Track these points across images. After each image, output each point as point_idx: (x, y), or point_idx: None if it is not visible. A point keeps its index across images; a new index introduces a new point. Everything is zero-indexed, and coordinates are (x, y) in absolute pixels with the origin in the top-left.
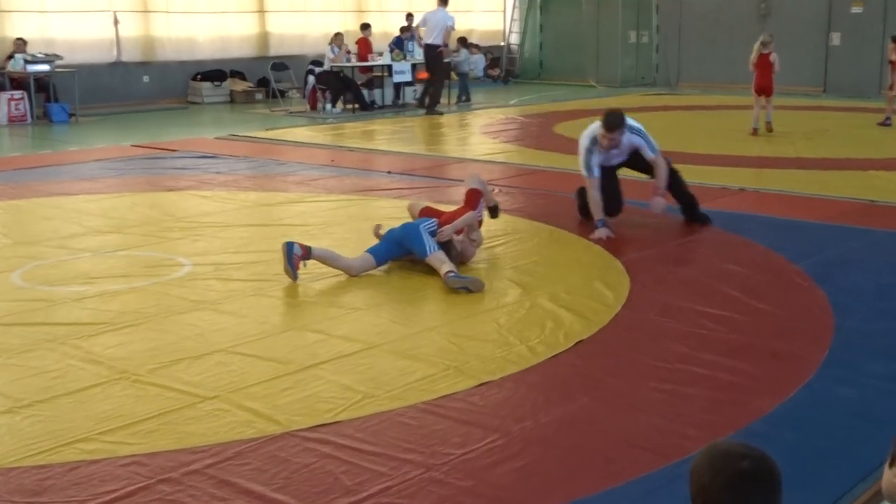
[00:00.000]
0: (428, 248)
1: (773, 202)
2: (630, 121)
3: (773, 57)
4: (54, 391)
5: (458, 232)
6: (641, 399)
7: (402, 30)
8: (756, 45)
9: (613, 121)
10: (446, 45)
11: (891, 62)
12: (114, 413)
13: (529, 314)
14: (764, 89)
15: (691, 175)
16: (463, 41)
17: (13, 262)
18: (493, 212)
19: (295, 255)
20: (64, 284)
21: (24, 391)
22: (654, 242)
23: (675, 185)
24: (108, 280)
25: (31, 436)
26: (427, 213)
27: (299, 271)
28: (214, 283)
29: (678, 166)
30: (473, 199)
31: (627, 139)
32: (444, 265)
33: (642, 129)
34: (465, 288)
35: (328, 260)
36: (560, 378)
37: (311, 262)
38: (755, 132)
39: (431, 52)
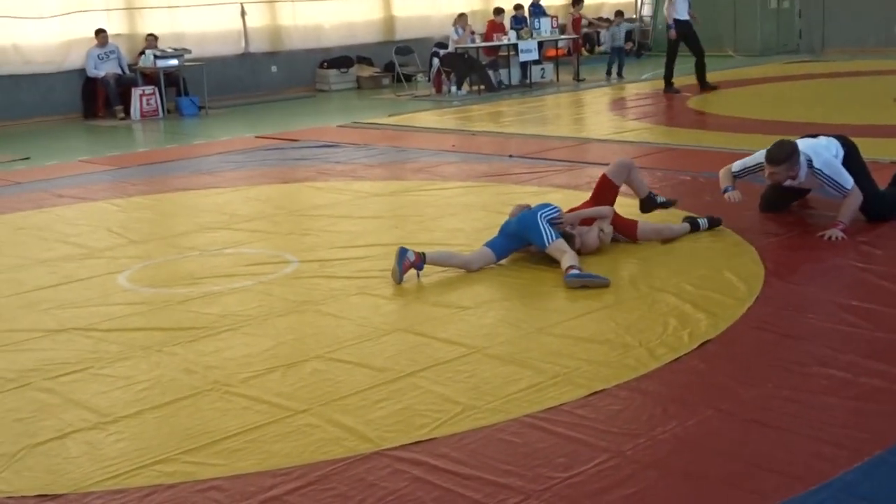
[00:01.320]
0: (546, 239)
1: None
2: (816, 156)
3: None
4: (142, 404)
5: (586, 223)
6: (773, 411)
7: (517, 7)
8: None
9: (775, 154)
10: (675, 20)
11: None
12: (199, 429)
13: (651, 311)
14: None
15: None
16: (620, 14)
17: (123, 262)
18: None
19: (406, 260)
20: (168, 286)
21: (111, 405)
22: (793, 225)
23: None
24: (212, 280)
25: (111, 456)
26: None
27: (406, 275)
28: (319, 282)
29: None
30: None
31: (807, 175)
32: (566, 257)
33: (830, 164)
34: (585, 287)
35: (445, 261)
36: (681, 386)
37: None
38: None
39: (679, 28)
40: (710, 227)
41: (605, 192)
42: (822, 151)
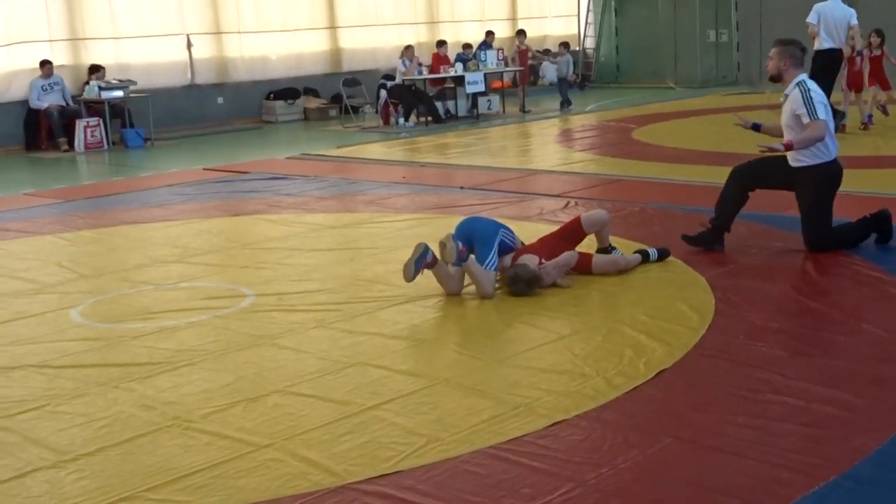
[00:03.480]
0: (489, 262)
1: (868, 206)
2: (810, 82)
3: (866, 52)
4: (102, 442)
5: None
6: (730, 438)
7: (465, 46)
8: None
9: (780, 39)
10: (855, 51)
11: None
12: (162, 466)
13: (606, 341)
14: (855, 85)
15: None
16: (566, 45)
17: (75, 297)
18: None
19: (424, 261)
20: (122, 321)
21: (70, 442)
22: (741, 255)
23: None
24: (167, 315)
25: (73, 494)
26: (527, 251)
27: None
28: (276, 316)
29: None
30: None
31: (792, 90)
32: (481, 287)
33: (816, 90)
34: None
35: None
36: (640, 415)
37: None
38: (865, 126)
39: (827, 58)
40: (659, 258)
41: (573, 233)
42: (820, 91)
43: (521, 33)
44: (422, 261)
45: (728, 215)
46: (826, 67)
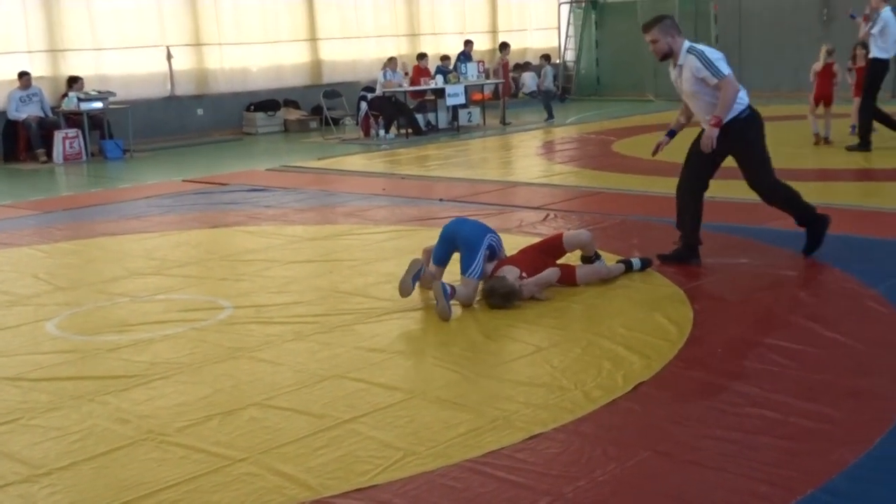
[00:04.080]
0: (473, 271)
1: (843, 218)
2: (698, 45)
3: (837, 67)
4: (75, 456)
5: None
6: (709, 451)
7: (444, 58)
8: (822, 54)
9: (647, 21)
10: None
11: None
12: (136, 480)
13: (585, 353)
14: (825, 98)
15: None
16: (547, 58)
17: (51, 309)
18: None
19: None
20: (98, 333)
21: (43, 456)
22: (718, 267)
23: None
24: (143, 327)
25: None
26: (508, 262)
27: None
28: (253, 328)
29: (732, 182)
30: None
31: (684, 58)
32: (463, 301)
33: (709, 50)
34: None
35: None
36: (618, 427)
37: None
38: (818, 139)
39: (884, 66)
40: (642, 268)
41: (554, 249)
42: (712, 49)
43: (504, 46)
44: (418, 277)
45: (692, 228)
46: (881, 74)
